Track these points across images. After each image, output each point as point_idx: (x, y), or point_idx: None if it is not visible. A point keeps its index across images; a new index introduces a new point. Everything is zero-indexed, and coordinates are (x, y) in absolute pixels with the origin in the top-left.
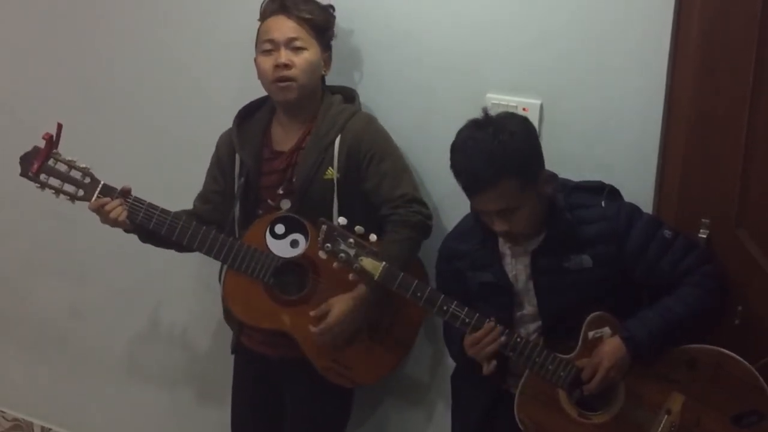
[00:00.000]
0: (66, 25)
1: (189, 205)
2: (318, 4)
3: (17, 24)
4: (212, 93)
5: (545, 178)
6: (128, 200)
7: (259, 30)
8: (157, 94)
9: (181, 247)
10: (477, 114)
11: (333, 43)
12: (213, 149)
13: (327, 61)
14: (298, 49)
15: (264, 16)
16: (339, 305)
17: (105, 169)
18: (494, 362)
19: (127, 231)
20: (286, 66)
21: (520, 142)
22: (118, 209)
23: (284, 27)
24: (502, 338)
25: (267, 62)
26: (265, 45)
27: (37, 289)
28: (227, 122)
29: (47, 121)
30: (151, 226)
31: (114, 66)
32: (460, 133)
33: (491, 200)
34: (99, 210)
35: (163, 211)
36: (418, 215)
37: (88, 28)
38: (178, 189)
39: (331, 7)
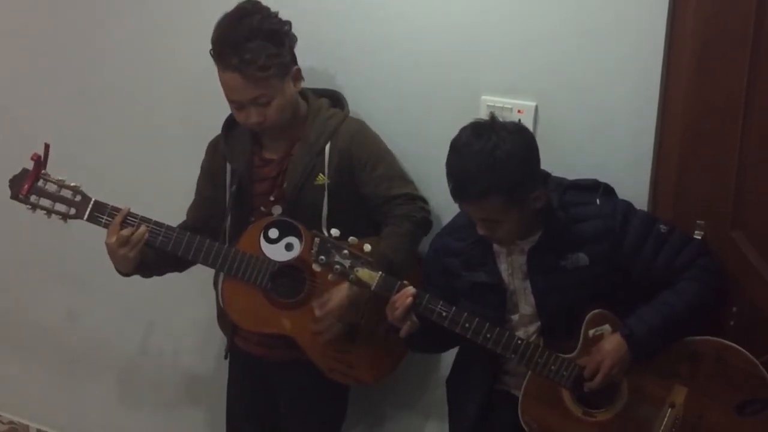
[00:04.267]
0: (62, 29)
1: (181, 208)
2: (265, 44)
3: (14, 26)
4: (210, 96)
5: (536, 197)
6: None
7: (218, 74)
8: (154, 96)
9: (177, 266)
10: (472, 116)
11: (327, 48)
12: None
13: (296, 77)
14: (265, 104)
15: (217, 64)
16: (339, 293)
17: (100, 172)
18: (409, 323)
19: (129, 272)
20: (259, 123)
21: (514, 164)
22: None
23: (242, 89)
24: (409, 300)
25: (239, 115)
26: (230, 99)
27: (33, 292)
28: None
29: (44, 126)
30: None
31: (111, 69)
32: (462, 133)
33: (474, 210)
34: (126, 241)
35: (156, 223)
36: (422, 211)
37: (85, 30)
38: (173, 193)
39: (288, 23)
